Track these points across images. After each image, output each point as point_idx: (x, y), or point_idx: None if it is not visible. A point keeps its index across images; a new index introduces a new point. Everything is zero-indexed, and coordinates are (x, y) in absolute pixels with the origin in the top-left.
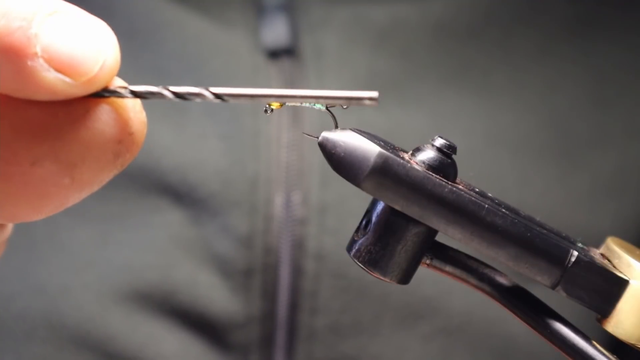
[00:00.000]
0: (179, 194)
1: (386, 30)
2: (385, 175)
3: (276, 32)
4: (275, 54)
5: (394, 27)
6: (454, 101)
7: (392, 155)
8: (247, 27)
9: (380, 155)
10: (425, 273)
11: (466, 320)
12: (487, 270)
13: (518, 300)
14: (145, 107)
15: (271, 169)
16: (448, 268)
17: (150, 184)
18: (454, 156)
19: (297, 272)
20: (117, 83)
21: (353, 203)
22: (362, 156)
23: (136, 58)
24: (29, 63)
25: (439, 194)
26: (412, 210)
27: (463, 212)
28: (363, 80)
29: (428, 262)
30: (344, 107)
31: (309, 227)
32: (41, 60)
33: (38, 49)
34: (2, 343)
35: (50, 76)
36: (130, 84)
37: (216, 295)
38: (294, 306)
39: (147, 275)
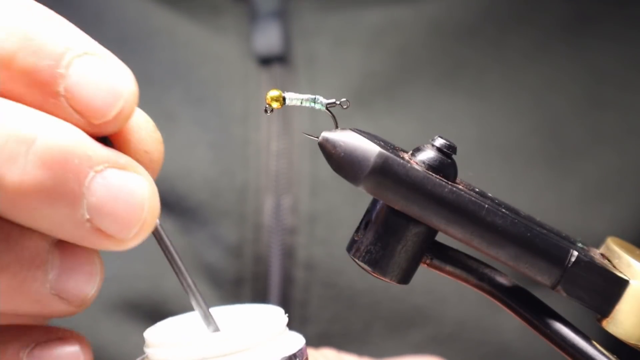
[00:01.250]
0: (168, 203)
1: (378, 34)
2: (385, 175)
3: (268, 38)
4: (266, 61)
5: (386, 31)
6: (445, 105)
7: (392, 155)
8: (239, 34)
9: (380, 155)
10: (416, 282)
11: (458, 328)
12: (487, 270)
13: (518, 300)
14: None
15: (260, 178)
16: (448, 268)
17: None
18: (454, 156)
19: (287, 281)
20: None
21: (343, 212)
22: (362, 156)
23: (126, 65)
24: (52, 101)
25: (439, 193)
26: (412, 210)
27: (463, 212)
28: (354, 86)
29: (428, 261)
30: (344, 107)
31: (299, 236)
32: (62, 99)
33: (61, 89)
34: None
35: (70, 114)
36: None
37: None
38: None
39: (136, 285)
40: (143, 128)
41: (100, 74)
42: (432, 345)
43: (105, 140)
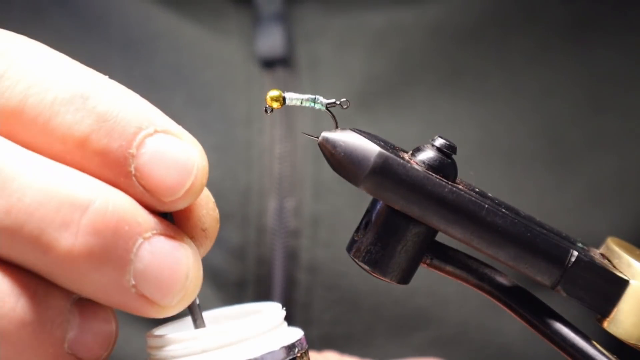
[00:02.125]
0: None
1: (381, 37)
2: (385, 175)
3: (271, 41)
4: (269, 64)
5: (389, 34)
6: (448, 108)
7: (392, 155)
8: (242, 37)
9: (380, 155)
10: (419, 284)
11: (461, 330)
12: (487, 270)
13: (518, 300)
14: None
15: (264, 181)
16: (448, 268)
17: None
18: (454, 156)
19: (289, 283)
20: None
21: (346, 215)
22: (362, 156)
23: (129, 69)
24: (123, 180)
25: (438, 194)
26: (412, 210)
27: (463, 212)
28: (357, 89)
29: (428, 262)
30: (344, 107)
31: (302, 239)
32: (133, 178)
33: (132, 168)
34: None
35: (140, 193)
36: None
37: (209, 307)
38: (286, 318)
39: None
40: (204, 206)
41: (171, 153)
42: (434, 347)
43: (167, 215)
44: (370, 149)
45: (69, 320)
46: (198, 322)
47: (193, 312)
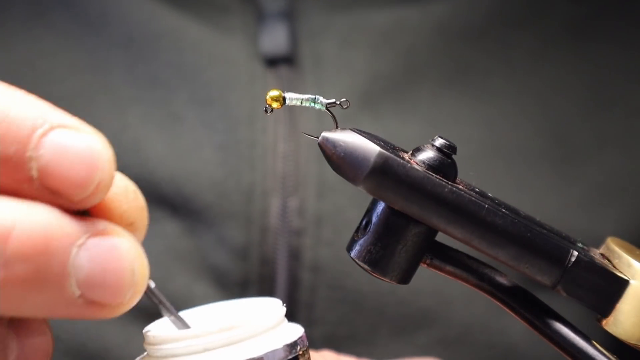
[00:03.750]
0: (174, 205)
1: (385, 35)
2: (385, 175)
3: (275, 39)
4: (273, 62)
5: (393, 32)
6: (451, 106)
7: (392, 155)
8: (245, 35)
9: (380, 155)
10: (423, 284)
11: (465, 331)
12: (487, 270)
13: (518, 300)
14: (139, 116)
15: (267, 180)
16: (448, 268)
17: (145, 195)
18: (454, 156)
19: (293, 283)
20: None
21: (349, 214)
22: (362, 156)
23: (132, 67)
24: (27, 186)
25: (438, 193)
26: (412, 210)
27: (463, 212)
28: (361, 87)
29: (428, 262)
30: (344, 107)
31: (305, 238)
32: (36, 182)
33: (34, 172)
34: None
35: (47, 196)
36: (125, 95)
37: None
38: (290, 317)
39: None
40: (123, 200)
41: (72, 148)
42: (438, 347)
43: (85, 213)
44: (371, 148)
45: (8, 345)
46: (163, 307)
47: (153, 298)
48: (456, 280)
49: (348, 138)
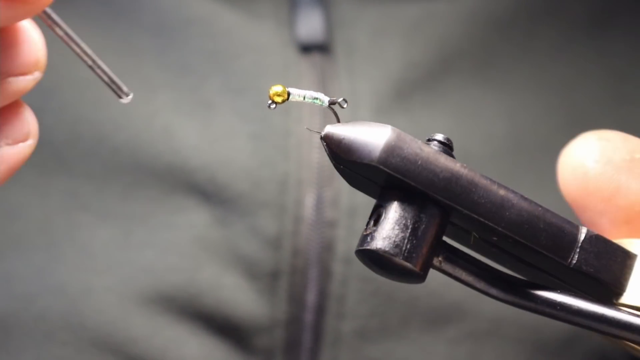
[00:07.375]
0: (207, 193)
1: (417, 25)
2: (402, 147)
3: (310, 26)
4: (307, 49)
5: (425, 22)
6: (477, 98)
7: (402, 132)
8: (278, 21)
9: (393, 129)
10: None
11: (496, 325)
12: (496, 273)
13: (534, 297)
14: (171, 102)
15: (302, 170)
16: (457, 271)
17: (177, 182)
18: (453, 153)
19: (325, 275)
20: None
21: None
22: (375, 134)
23: (163, 54)
24: None
25: (451, 167)
26: (427, 182)
27: (477, 185)
28: (394, 77)
29: (440, 260)
30: (343, 106)
31: (339, 230)
32: None
33: None
34: (21, 343)
35: None
36: (156, 81)
37: (241, 298)
38: (320, 310)
39: (170, 277)
40: None
41: None
42: (468, 341)
43: None
44: (382, 126)
45: None
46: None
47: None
48: (465, 284)
49: (355, 125)
